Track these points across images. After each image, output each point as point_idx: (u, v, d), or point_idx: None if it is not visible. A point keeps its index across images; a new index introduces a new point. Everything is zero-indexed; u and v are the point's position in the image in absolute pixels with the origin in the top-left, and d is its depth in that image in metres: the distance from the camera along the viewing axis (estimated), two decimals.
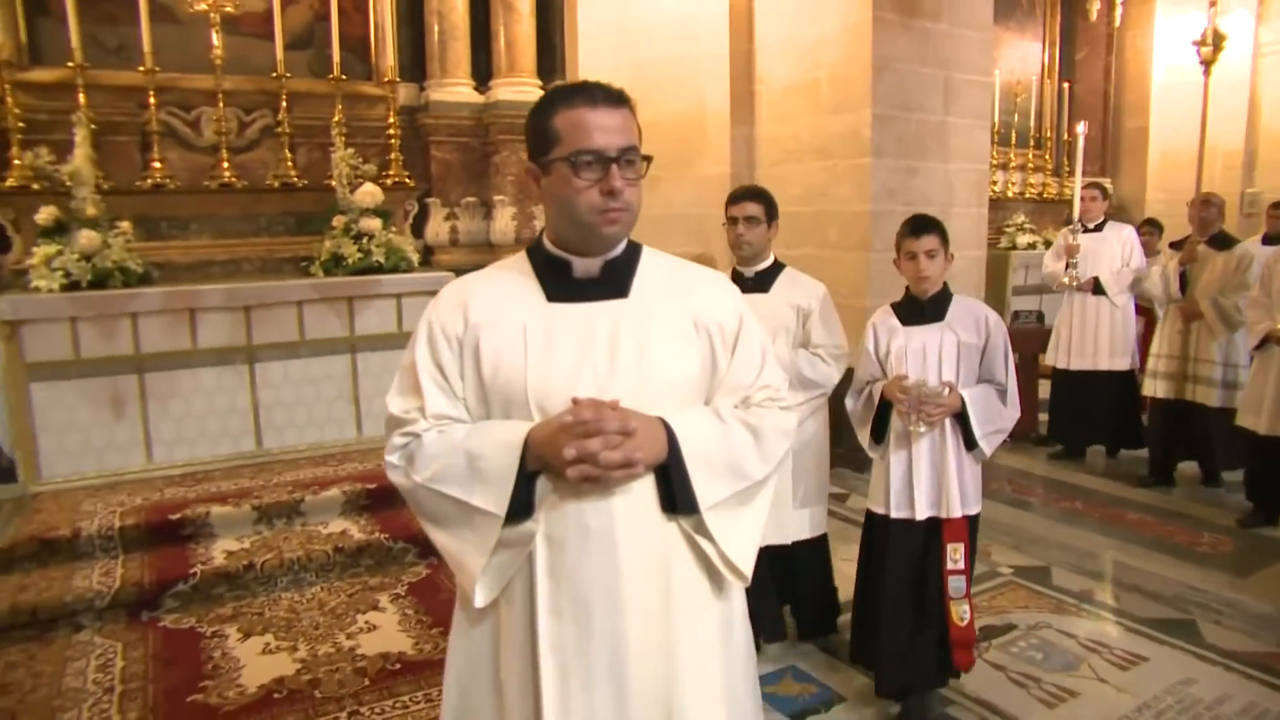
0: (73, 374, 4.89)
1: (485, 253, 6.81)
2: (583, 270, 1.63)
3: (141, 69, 5.55)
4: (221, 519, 4.45)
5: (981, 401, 2.87)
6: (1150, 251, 6.42)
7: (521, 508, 1.51)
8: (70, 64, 5.31)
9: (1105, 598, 4.04)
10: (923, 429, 2.87)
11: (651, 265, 1.69)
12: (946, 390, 2.83)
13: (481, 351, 1.58)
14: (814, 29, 5.81)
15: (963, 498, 2.92)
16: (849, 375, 3.22)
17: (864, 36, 5.43)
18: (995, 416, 2.88)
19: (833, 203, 5.83)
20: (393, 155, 6.38)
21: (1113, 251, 5.89)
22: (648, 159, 1.59)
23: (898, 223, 5.48)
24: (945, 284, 2.97)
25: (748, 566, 1.61)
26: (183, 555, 4.20)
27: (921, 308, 2.96)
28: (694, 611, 1.59)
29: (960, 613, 2.96)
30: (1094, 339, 5.86)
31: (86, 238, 4.89)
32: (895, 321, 3.02)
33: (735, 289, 1.78)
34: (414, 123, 6.72)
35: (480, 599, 1.55)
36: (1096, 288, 5.86)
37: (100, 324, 4.92)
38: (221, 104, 5.89)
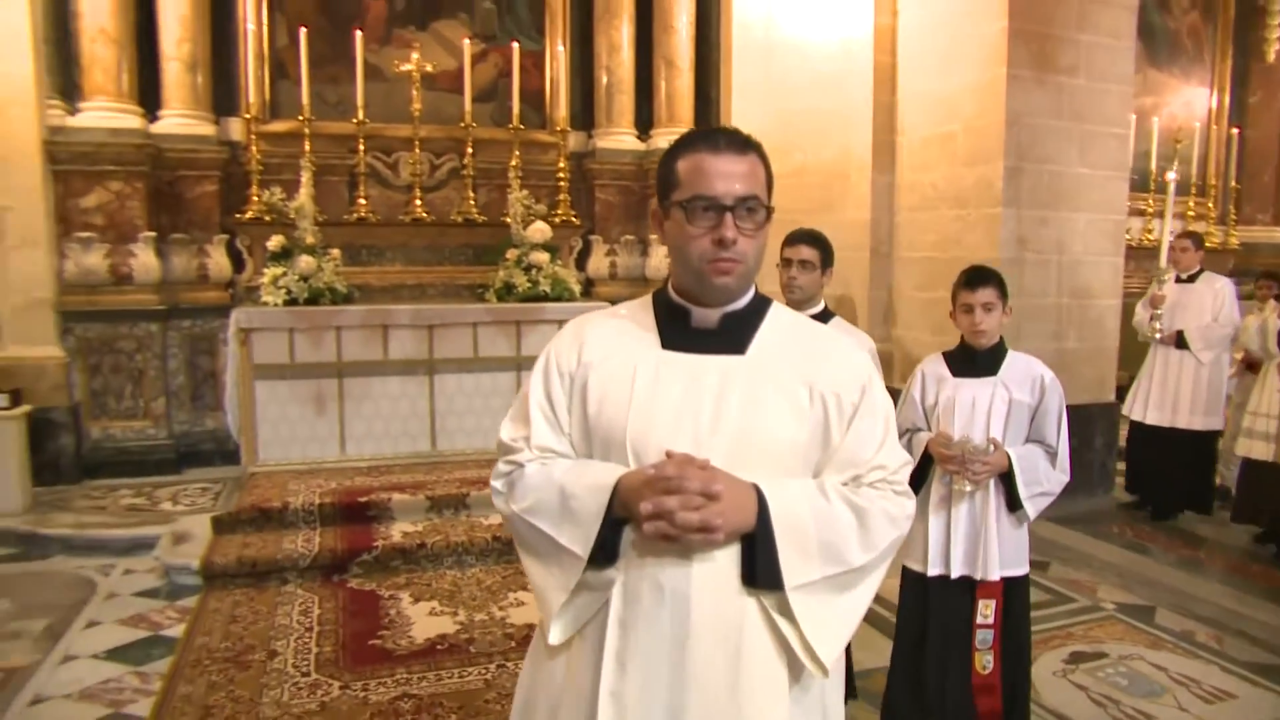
0: (288, 375, 5.84)
1: (641, 286, 7.46)
2: (700, 320, 1.58)
3: (354, 120, 6.55)
4: (400, 505, 5.22)
5: (1028, 461, 2.81)
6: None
7: (606, 553, 1.48)
8: (300, 118, 6.35)
9: (1206, 639, 4.15)
10: (968, 487, 2.82)
11: (777, 324, 1.63)
12: (992, 448, 2.78)
13: (589, 390, 1.58)
14: (952, 84, 6.15)
15: (1002, 559, 2.86)
16: None
17: (998, 93, 5.72)
18: (1042, 478, 2.83)
19: (965, 249, 6.09)
20: (561, 196, 7.15)
21: (1202, 304, 5.72)
22: (770, 210, 1.54)
23: (1027, 271, 5.82)
24: (1001, 339, 2.93)
25: (829, 658, 1.49)
26: (367, 532, 4.98)
27: (975, 359, 2.90)
28: (766, 694, 1.49)
29: (983, 662, 2.91)
30: (1174, 394, 5.70)
31: (305, 262, 5.83)
32: (945, 371, 2.96)
33: (866, 358, 1.68)
34: (581, 167, 7.47)
35: (555, 636, 1.53)
36: (1180, 341, 5.70)
37: (311, 335, 5.86)
38: (417, 149, 6.82)
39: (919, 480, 2.93)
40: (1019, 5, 5.67)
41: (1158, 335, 5.69)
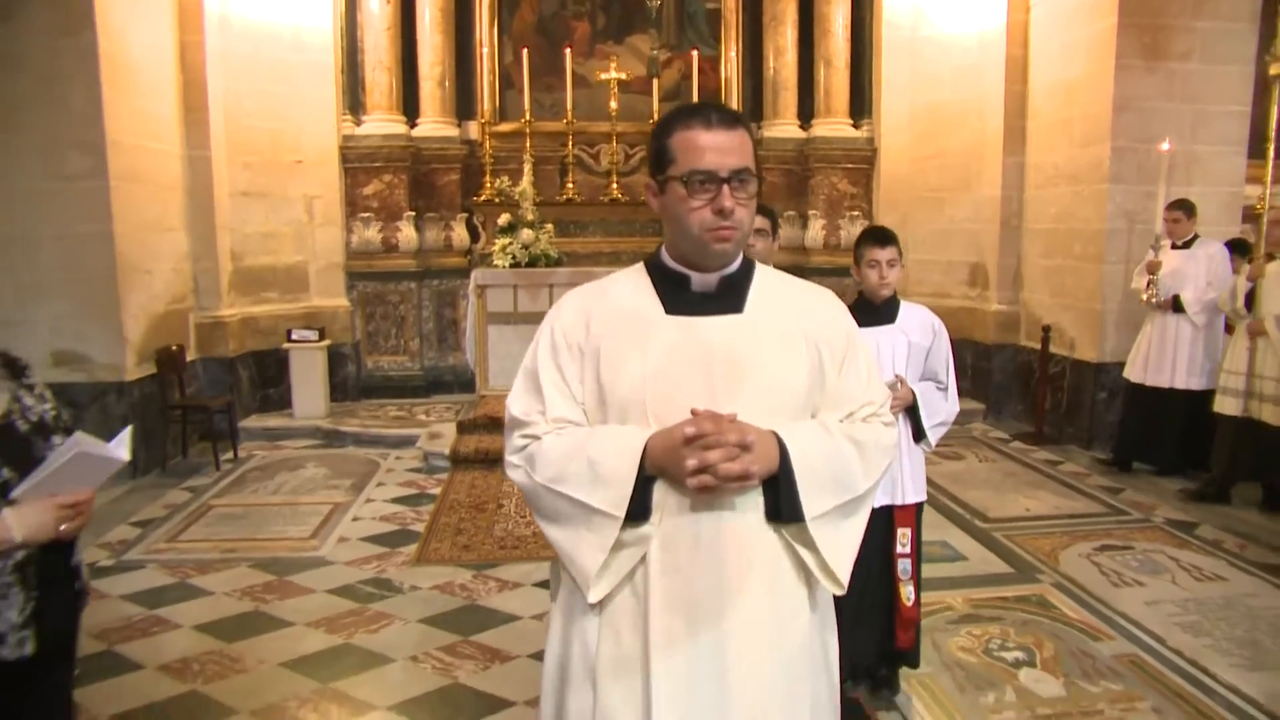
0: (512, 321, 7.54)
1: (800, 255, 8.67)
2: (700, 285, 1.69)
3: (564, 120, 8.16)
4: None
5: (928, 396, 3.09)
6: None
7: (639, 510, 1.57)
8: (523, 119, 8.04)
9: (1232, 547, 4.89)
10: None
11: (765, 282, 1.76)
12: (899, 385, 2.99)
13: (602, 359, 1.65)
14: (1071, 73, 6.93)
15: (914, 486, 3.12)
16: None
17: (1107, 81, 6.46)
18: (941, 410, 3.12)
19: (1078, 221, 6.91)
20: None
21: (1199, 270, 5.90)
22: (760, 179, 1.66)
23: (1132, 241, 6.57)
24: (894, 292, 3.17)
25: (846, 575, 1.65)
26: None
27: (876, 310, 3.12)
28: (790, 617, 1.65)
29: (907, 594, 3.11)
30: (1172, 357, 5.93)
31: (526, 234, 7.50)
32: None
33: (844, 307, 1.86)
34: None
35: (595, 595, 1.60)
36: (1176, 305, 5.90)
37: (530, 291, 7.52)
38: (614, 142, 8.36)
39: None
40: (1129, 2, 6.38)
41: (1154, 301, 5.94)
